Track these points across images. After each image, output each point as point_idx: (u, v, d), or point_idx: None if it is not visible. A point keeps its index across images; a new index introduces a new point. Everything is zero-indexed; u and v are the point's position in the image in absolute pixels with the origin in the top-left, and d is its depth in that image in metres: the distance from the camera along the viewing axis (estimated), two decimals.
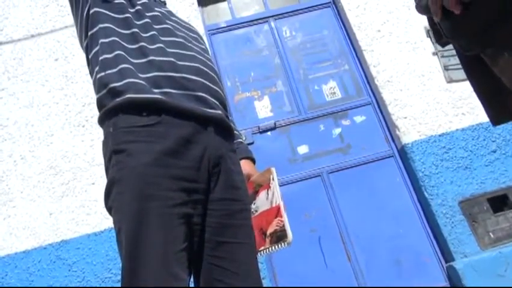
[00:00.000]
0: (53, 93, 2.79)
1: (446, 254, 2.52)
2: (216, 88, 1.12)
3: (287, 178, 2.70)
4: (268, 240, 1.11)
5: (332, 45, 3.09)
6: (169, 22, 1.15)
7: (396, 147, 2.79)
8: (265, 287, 1.09)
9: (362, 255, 2.54)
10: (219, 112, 1.08)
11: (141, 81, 0.99)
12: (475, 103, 2.68)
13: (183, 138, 0.98)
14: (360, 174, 2.72)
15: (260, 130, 2.82)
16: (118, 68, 1.01)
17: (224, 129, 1.09)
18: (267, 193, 1.18)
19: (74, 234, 2.44)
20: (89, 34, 1.09)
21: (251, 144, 2.74)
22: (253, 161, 1.30)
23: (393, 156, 2.78)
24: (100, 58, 1.04)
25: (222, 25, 3.12)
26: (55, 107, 2.76)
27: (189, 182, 0.96)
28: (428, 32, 2.96)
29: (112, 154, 0.98)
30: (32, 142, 2.66)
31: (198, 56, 1.12)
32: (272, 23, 3.14)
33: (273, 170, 1.19)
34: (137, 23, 1.08)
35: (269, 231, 1.12)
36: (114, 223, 0.94)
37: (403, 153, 2.73)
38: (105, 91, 1.01)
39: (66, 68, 2.86)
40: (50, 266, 2.37)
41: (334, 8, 3.20)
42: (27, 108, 2.76)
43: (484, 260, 2.38)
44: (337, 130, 2.85)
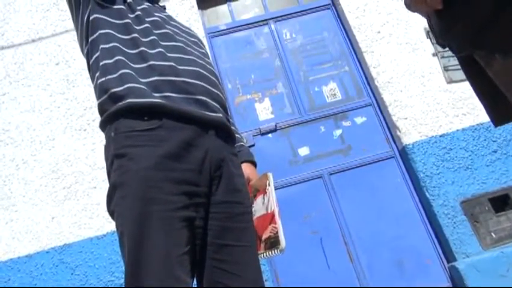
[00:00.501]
0: (55, 97, 2.80)
1: (448, 255, 2.52)
2: (217, 91, 1.12)
3: (288, 180, 2.70)
4: (262, 245, 1.12)
5: (332, 46, 3.10)
6: (169, 27, 1.16)
7: (397, 148, 2.80)
8: None
9: (364, 256, 2.54)
10: (220, 115, 1.08)
11: (141, 85, 1.00)
12: (475, 103, 2.68)
13: (184, 141, 0.98)
14: (361, 175, 2.73)
15: (261, 132, 2.82)
16: (119, 73, 1.01)
17: (225, 132, 1.10)
18: (263, 198, 1.19)
19: (76, 238, 2.44)
20: (89, 40, 1.10)
21: (252, 146, 2.75)
22: (254, 165, 1.30)
23: (394, 157, 2.78)
24: (101, 64, 1.05)
25: (222, 28, 3.13)
26: (57, 111, 2.77)
27: (191, 186, 0.97)
28: (428, 33, 2.97)
29: (114, 158, 0.98)
30: (34, 146, 2.67)
31: (198, 60, 1.13)
32: (272, 25, 3.15)
33: (270, 175, 1.18)
34: (137, 28, 1.08)
35: (264, 236, 1.13)
36: (117, 227, 0.95)
37: (404, 154, 2.73)
38: (106, 96, 1.02)
39: (67, 72, 2.87)
40: (53, 270, 2.38)
41: (334, 10, 3.20)
42: (28, 112, 2.77)
43: (486, 260, 2.38)
44: (338, 131, 2.85)
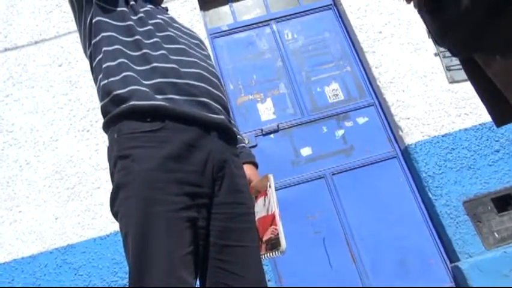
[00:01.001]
0: (58, 98, 2.82)
1: (451, 255, 2.52)
2: (219, 93, 1.13)
3: (290, 180, 2.71)
4: (263, 246, 1.13)
5: (334, 47, 3.10)
6: (171, 29, 1.17)
7: (399, 148, 2.79)
8: None
9: (367, 256, 2.54)
10: (222, 117, 1.09)
11: (144, 88, 1.00)
12: (478, 103, 2.68)
13: (187, 143, 0.99)
14: (363, 175, 2.73)
15: (263, 132, 2.83)
16: (121, 76, 1.02)
17: (227, 134, 1.11)
18: (264, 200, 1.19)
19: (80, 238, 2.45)
20: (92, 42, 1.10)
21: (254, 146, 2.75)
22: (255, 166, 1.30)
23: (396, 157, 2.78)
24: (103, 66, 1.05)
25: (224, 29, 3.14)
26: (60, 112, 2.78)
27: (194, 186, 0.97)
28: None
29: (117, 160, 0.99)
30: (37, 147, 2.69)
31: (200, 63, 1.13)
32: (274, 26, 3.16)
33: (271, 177, 1.19)
34: (140, 30, 1.09)
35: (265, 238, 1.13)
36: (120, 228, 0.96)
37: (406, 154, 2.73)
38: (109, 98, 1.02)
39: (70, 74, 2.88)
40: (57, 270, 2.39)
41: (335, 10, 3.21)
42: (32, 113, 2.78)
43: (489, 260, 2.37)
44: (340, 132, 2.85)
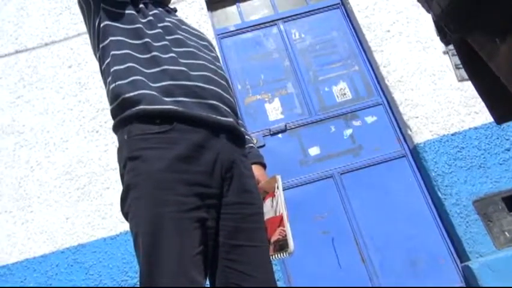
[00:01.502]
0: (67, 99, 2.85)
1: (461, 254, 2.50)
2: (228, 96, 1.14)
3: (299, 180, 2.71)
4: (271, 247, 1.13)
5: (342, 46, 3.09)
6: (180, 32, 1.17)
7: (408, 147, 2.78)
8: None
9: (376, 256, 2.53)
10: (231, 120, 1.10)
11: (153, 91, 1.01)
12: None
13: (196, 144, 1.00)
14: (372, 174, 2.72)
15: (271, 132, 2.83)
16: (130, 79, 1.03)
17: (236, 136, 1.11)
18: (272, 201, 1.19)
19: (90, 238, 2.48)
20: (100, 46, 1.11)
21: (262, 146, 2.76)
22: (263, 166, 1.31)
23: (405, 156, 2.77)
24: (112, 69, 1.06)
25: (231, 29, 3.15)
26: (69, 113, 2.81)
27: (203, 187, 0.98)
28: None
29: (127, 161, 1.00)
30: (48, 148, 2.72)
31: (209, 65, 1.14)
32: (281, 26, 3.16)
33: (278, 178, 1.19)
34: (149, 33, 1.10)
35: (273, 239, 1.14)
36: (131, 228, 0.97)
37: (415, 153, 2.71)
38: (118, 102, 1.04)
39: (79, 75, 2.91)
40: (68, 270, 2.42)
41: (343, 9, 3.20)
42: (42, 115, 2.81)
43: (500, 260, 2.35)
44: (348, 131, 2.84)
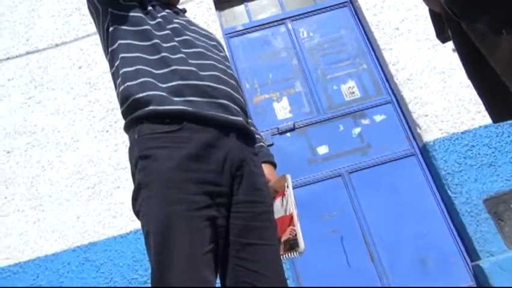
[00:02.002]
0: (78, 100, 2.88)
1: (472, 253, 2.48)
2: (238, 95, 1.15)
3: (307, 179, 2.71)
4: (282, 247, 1.13)
5: (350, 44, 3.08)
6: (189, 33, 1.18)
7: (417, 145, 2.76)
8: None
9: (385, 255, 2.52)
10: (241, 119, 1.10)
11: (162, 92, 1.02)
12: None
13: (206, 143, 1.01)
14: (381, 173, 2.70)
15: (279, 131, 2.83)
16: (139, 81, 1.04)
17: (246, 135, 1.12)
18: (282, 200, 1.20)
19: (101, 236, 2.51)
20: (110, 50, 1.13)
21: (271, 145, 2.76)
22: (273, 165, 1.31)
23: (414, 154, 2.75)
24: (121, 71, 1.08)
25: (239, 28, 3.15)
26: (80, 114, 2.84)
27: (213, 186, 0.99)
28: None
29: (138, 160, 1.01)
30: (59, 148, 2.75)
31: (218, 65, 1.15)
32: (289, 25, 3.15)
33: (288, 177, 1.19)
34: (158, 34, 1.11)
35: (283, 238, 1.14)
36: (142, 227, 0.98)
37: (425, 151, 2.70)
38: (128, 103, 1.05)
39: (89, 75, 2.94)
40: (79, 268, 2.45)
41: (351, 7, 3.18)
42: (53, 115, 2.85)
43: (511, 259, 2.33)
44: (357, 130, 2.84)
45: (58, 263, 2.46)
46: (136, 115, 1.03)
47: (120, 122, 2.71)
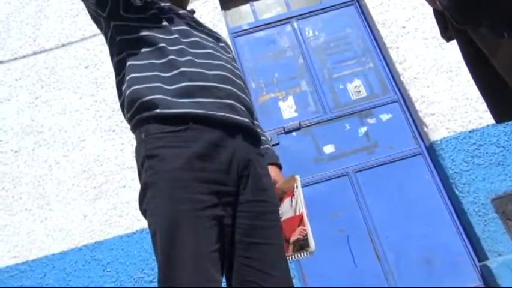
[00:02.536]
0: (84, 99, 2.89)
1: (479, 253, 2.46)
2: (244, 96, 1.15)
3: (313, 178, 2.70)
4: (291, 248, 1.13)
5: (356, 43, 3.07)
6: (197, 34, 1.18)
7: (424, 144, 2.74)
8: (294, 287, 1.09)
9: (392, 255, 2.51)
10: (247, 120, 1.11)
11: (169, 96, 1.03)
12: None
13: (212, 142, 1.01)
14: (388, 172, 2.69)
15: (285, 131, 2.83)
16: (147, 85, 1.04)
17: (251, 136, 1.12)
18: (291, 201, 1.20)
19: (107, 235, 2.52)
20: (115, 60, 1.14)
21: (276, 145, 2.75)
22: (279, 167, 1.31)
23: (421, 154, 2.73)
24: (128, 77, 1.08)
25: (245, 27, 3.15)
26: (86, 113, 2.86)
27: (219, 185, 0.99)
28: None
29: (145, 159, 1.01)
30: (66, 147, 2.77)
31: (226, 65, 1.15)
32: (295, 24, 3.15)
33: (298, 178, 1.20)
34: (165, 38, 1.10)
35: (292, 239, 1.14)
36: (149, 226, 0.98)
37: (432, 150, 2.68)
38: (135, 107, 1.05)
39: (96, 75, 2.96)
40: (86, 267, 2.46)
41: (357, 6, 3.17)
42: (60, 115, 2.87)
43: None
44: (363, 129, 2.82)
45: (65, 262, 2.48)
46: (144, 115, 1.04)
47: (126, 122, 2.73)
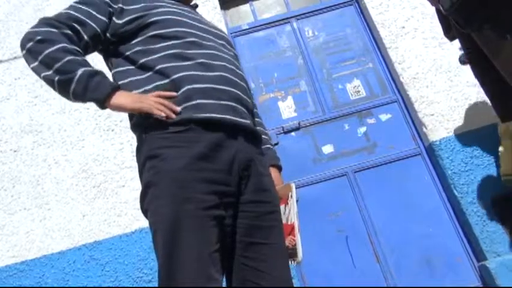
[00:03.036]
0: None
1: (478, 254, 2.47)
2: (246, 98, 1.14)
3: (312, 178, 2.70)
4: None
5: (355, 43, 3.07)
6: (199, 33, 1.15)
7: (423, 145, 2.75)
8: (294, 287, 1.09)
9: (391, 255, 2.51)
10: (248, 122, 1.10)
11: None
12: None
13: (214, 143, 1.01)
14: (387, 173, 2.69)
15: (284, 131, 2.83)
16: (145, 88, 1.07)
17: (253, 137, 1.12)
18: (285, 208, 1.20)
19: (106, 235, 2.51)
20: (112, 72, 1.20)
21: (276, 145, 2.75)
22: (279, 169, 1.31)
23: (420, 154, 2.74)
24: (127, 80, 1.13)
25: (245, 27, 3.15)
26: (86, 112, 2.85)
27: (221, 185, 0.99)
28: None
29: (147, 159, 1.01)
30: (65, 147, 2.76)
31: (228, 66, 1.13)
32: (294, 24, 3.15)
33: (293, 186, 1.20)
34: (165, 45, 1.10)
35: None
36: (150, 225, 0.98)
37: (431, 151, 2.68)
38: (137, 115, 1.07)
39: None
40: (84, 266, 2.45)
41: (357, 6, 3.17)
42: (59, 114, 2.86)
43: None
44: (362, 129, 2.82)
45: (64, 261, 2.47)
46: (145, 116, 1.04)
47: (125, 121, 2.72)
